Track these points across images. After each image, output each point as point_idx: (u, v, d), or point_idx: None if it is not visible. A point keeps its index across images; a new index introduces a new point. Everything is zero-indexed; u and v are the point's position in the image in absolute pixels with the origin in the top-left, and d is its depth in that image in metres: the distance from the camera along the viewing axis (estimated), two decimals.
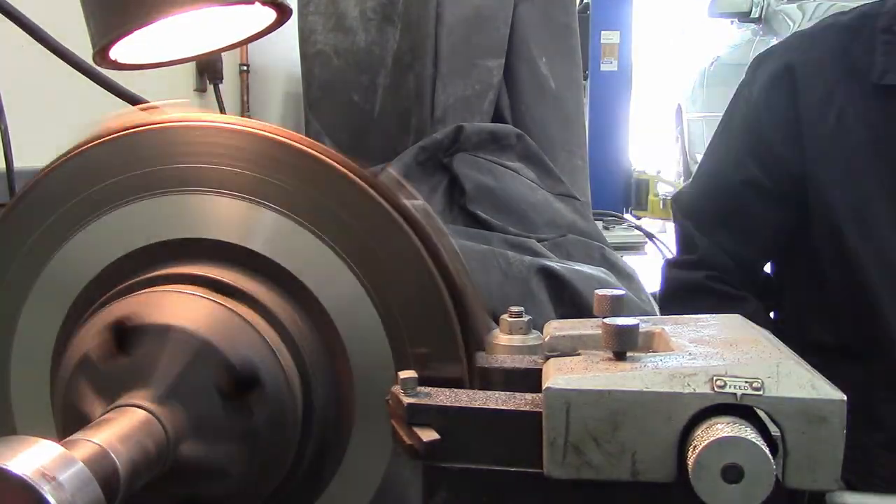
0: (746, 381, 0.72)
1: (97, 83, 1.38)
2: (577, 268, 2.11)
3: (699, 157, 6.87)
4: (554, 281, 2.04)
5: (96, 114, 0.98)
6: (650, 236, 4.39)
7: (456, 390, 0.84)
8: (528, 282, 2.01)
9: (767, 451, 0.68)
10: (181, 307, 0.86)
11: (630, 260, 2.87)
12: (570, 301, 2.02)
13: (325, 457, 0.94)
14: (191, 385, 0.81)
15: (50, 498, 0.61)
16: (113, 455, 0.72)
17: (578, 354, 0.85)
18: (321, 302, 0.92)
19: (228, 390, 0.82)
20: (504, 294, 1.95)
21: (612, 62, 5.26)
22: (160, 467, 0.78)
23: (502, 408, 0.80)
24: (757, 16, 6.29)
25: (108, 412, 0.79)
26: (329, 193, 0.93)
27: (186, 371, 0.82)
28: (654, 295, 2.32)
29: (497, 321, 0.97)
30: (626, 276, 2.32)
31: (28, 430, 0.98)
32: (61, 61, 1.34)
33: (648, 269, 3.46)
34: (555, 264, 2.09)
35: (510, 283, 2.00)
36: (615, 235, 4.20)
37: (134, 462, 0.74)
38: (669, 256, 2.23)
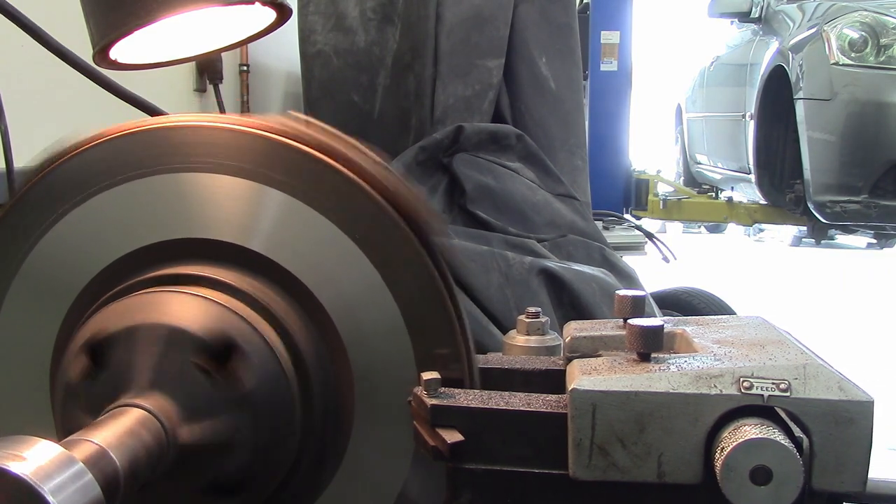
0: (773, 383, 0.72)
1: (97, 83, 1.38)
2: (577, 268, 2.11)
3: (699, 157, 6.77)
4: (554, 282, 2.04)
5: (96, 114, 0.98)
6: (650, 236, 4.38)
7: (480, 391, 0.84)
8: (528, 283, 2.01)
9: (796, 452, 0.68)
10: (147, 307, 0.86)
11: (630, 260, 2.86)
12: (570, 303, 2.02)
13: (325, 456, 0.94)
14: (169, 372, 0.82)
15: (50, 498, 0.61)
16: (112, 454, 0.72)
17: (599, 356, 0.85)
18: (322, 301, 0.92)
19: (207, 364, 0.83)
20: (504, 296, 1.95)
21: (612, 62, 5.25)
22: (164, 460, 0.78)
23: (527, 409, 0.80)
24: (757, 16, 6.29)
25: (109, 412, 0.79)
26: (333, 190, 0.92)
27: (161, 360, 0.82)
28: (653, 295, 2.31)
29: (497, 323, 0.97)
30: (626, 277, 2.32)
31: (8, 424, 0.98)
32: (61, 61, 1.34)
33: (648, 270, 3.46)
34: (555, 265, 2.09)
35: (510, 285, 2.00)
36: (615, 235, 4.19)
37: (134, 460, 0.74)
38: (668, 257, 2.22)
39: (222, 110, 2.96)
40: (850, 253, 13.07)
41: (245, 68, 3.26)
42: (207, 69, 2.89)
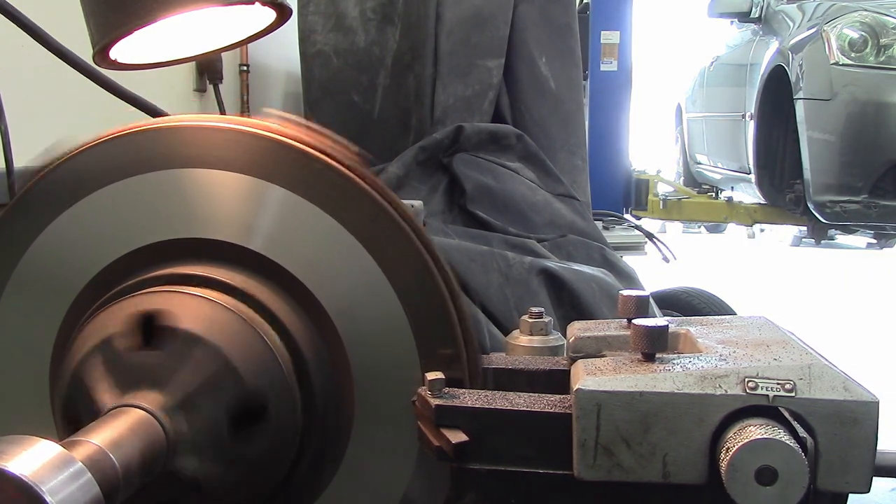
0: (778, 383, 0.72)
1: (97, 83, 1.38)
2: (577, 268, 2.11)
3: (699, 157, 6.77)
4: (554, 282, 2.03)
5: (96, 114, 0.97)
6: (650, 236, 4.37)
7: (484, 391, 0.84)
8: (528, 283, 2.01)
9: (801, 453, 0.68)
10: (209, 317, 0.85)
11: (630, 260, 2.86)
12: (570, 303, 2.01)
13: (324, 456, 0.94)
14: (204, 402, 0.82)
15: (48, 498, 0.61)
16: (112, 456, 0.72)
17: (603, 356, 0.85)
18: (322, 302, 0.92)
19: (237, 417, 0.83)
20: (504, 296, 1.95)
21: (612, 62, 5.25)
22: (163, 460, 0.78)
23: (532, 409, 0.80)
24: (757, 16, 6.28)
25: (109, 412, 0.79)
26: (332, 190, 0.92)
27: (204, 387, 0.82)
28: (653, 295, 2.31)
29: (497, 323, 0.97)
30: (626, 277, 2.32)
31: (8, 424, 0.98)
32: (61, 61, 1.34)
33: (648, 270, 3.46)
34: (555, 265, 2.09)
35: (510, 284, 1.99)
36: (615, 235, 4.18)
37: (133, 460, 0.74)
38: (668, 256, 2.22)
39: (222, 110, 2.96)
40: (850, 253, 13.07)
41: (245, 68, 3.25)
42: (207, 69, 2.88)
